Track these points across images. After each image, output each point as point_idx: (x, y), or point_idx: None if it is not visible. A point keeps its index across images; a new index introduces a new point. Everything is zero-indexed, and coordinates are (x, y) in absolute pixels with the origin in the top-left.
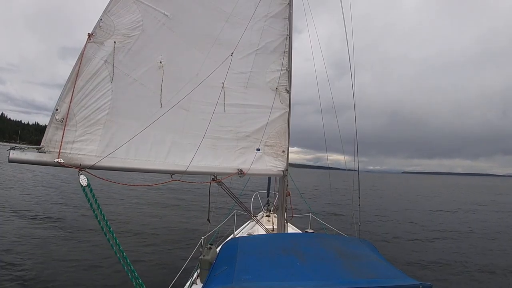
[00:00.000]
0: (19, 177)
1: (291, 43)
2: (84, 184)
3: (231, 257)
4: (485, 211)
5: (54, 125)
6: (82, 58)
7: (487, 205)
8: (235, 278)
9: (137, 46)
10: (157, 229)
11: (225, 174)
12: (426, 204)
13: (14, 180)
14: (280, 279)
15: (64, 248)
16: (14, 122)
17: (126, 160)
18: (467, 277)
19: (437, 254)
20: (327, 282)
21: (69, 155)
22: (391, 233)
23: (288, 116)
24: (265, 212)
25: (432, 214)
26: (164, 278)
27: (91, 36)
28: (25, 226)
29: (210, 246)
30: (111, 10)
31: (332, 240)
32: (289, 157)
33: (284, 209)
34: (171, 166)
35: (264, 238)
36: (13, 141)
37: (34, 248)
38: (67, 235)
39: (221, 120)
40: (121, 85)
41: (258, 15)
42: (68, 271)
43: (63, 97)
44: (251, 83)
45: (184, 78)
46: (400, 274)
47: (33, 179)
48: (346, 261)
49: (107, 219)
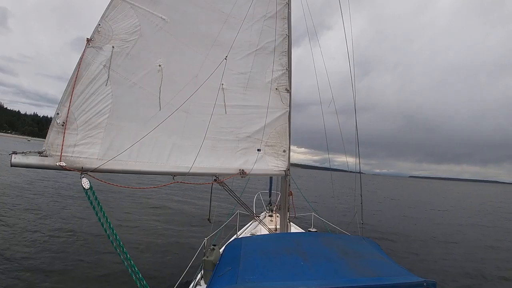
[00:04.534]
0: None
1: (290, 43)
2: (86, 187)
3: (234, 257)
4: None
5: (55, 129)
6: (81, 63)
7: (492, 213)
8: (239, 278)
9: (135, 50)
10: (160, 231)
11: (227, 175)
12: (424, 206)
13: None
14: (284, 279)
15: (67, 250)
16: (9, 111)
17: (128, 162)
18: (471, 275)
19: (441, 253)
20: (332, 281)
21: (70, 159)
22: (392, 232)
23: (289, 116)
24: (268, 212)
25: (432, 215)
26: (168, 279)
27: (90, 41)
28: (24, 226)
29: (213, 247)
30: (109, 16)
31: (336, 239)
32: (296, 158)
33: (287, 209)
34: (173, 167)
35: (267, 238)
36: (4, 130)
37: (34, 249)
38: (70, 236)
39: (222, 121)
40: (121, 88)
41: (256, 15)
42: (71, 272)
43: (64, 101)
44: (251, 83)
45: (183, 80)
46: (404, 272)
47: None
48: (350, 260)
49: (110, 221)
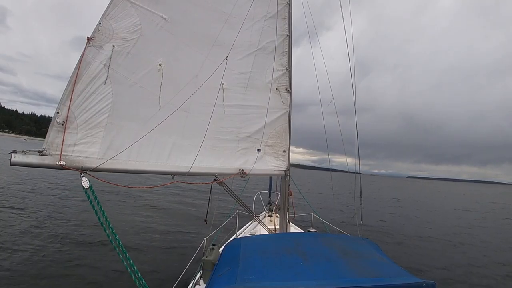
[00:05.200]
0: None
1: (290, 43)
2: (86, 186)
3: (234, 257)
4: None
5: (55, 128)
6: (82, 62)
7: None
8: (239, 278)
9: (136, 50)
10: (159, 230)
11: (227, 175)
12: (422, 207)
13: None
14: (283, 279)
15: (66, 249)
16: (7, 110)
17: (127, 162)
18: (470, 275)
19: (440, 253)
20: (331, 281)
21: (70, 158)
22: (392, 232)
23: (289, 116)
24: (267, 212)
25: (431, 215)
26: (167, 279)
27: (90, 40)
28: (25, 226)
29: (213, 246)
30: (110, 14)
31: (335, 239)
32: (294, 158)
33: (286, 209)
34: (173, 167)
35: (266, 238)
36: (1, 130)
37: (33, 249)
38: (69, 236)
39: (222, 121)
40: (121, 88)
41: (257, 15)
42: (70, 271)
43: (64, 100)
44: (251, 83)
45: (183, 80)
46: (404, 273)
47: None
48: (350, 260)
49: (109, 221)
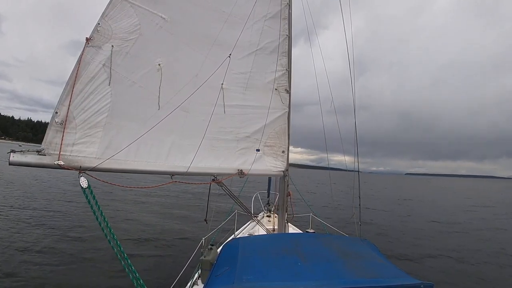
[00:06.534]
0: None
1: (290, 43)
2: (84, 186)
3: (232, 257)
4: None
5: (54, 127)
6: (81, 62)
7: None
8: (237, 278)
9: (135, 50)
10: (158, 230)
11: (226, 175)
12: (420, 204)
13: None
14: (282, 279)
15: (64, 248)
16: (3, 117)
17: (126, 161)
18: (469, 277)
19: (439, 254)
20: (329, 282)
21: (69, 157)
22: (390, 232)
23: (288, 116)
24: (266, 212)
25: (429, 214)
26: (165, 279)
27: (89, 40)
28: (24, 225)
29: (211, 246)
30: (109, 15)
31: (333, 240)
32: (293, 158)
33: (285, 209)
34: (172, 167)
35: (265, 238)
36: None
37: (33, 248)
38: (67, 235)
39: (221, 121)
40: (120, 87)
41: (257, 15)
42: (69, 272)
43: (63, 100)
44: (251, 83)
45: (183, 80)
46: (402, 274)
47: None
48: (348, 261)
49: (107, 220)
